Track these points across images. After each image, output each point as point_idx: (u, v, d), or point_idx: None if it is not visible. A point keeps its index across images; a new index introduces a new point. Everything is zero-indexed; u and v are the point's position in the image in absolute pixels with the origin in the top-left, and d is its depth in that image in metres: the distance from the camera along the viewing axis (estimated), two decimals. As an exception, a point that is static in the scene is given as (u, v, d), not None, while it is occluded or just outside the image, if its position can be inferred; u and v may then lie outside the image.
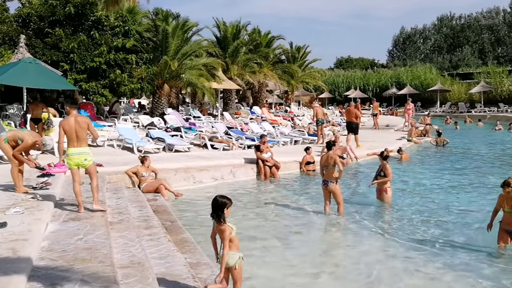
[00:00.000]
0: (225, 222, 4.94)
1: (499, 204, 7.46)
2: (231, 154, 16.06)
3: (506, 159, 17.96)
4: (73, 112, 7.72)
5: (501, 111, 43.83)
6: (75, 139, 7.42)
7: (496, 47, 79.24)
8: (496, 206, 7.53)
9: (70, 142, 7.43)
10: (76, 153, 7.40)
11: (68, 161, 7.46)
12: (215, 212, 4.98)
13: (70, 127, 7.43)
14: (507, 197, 7.25)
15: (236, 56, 31.42)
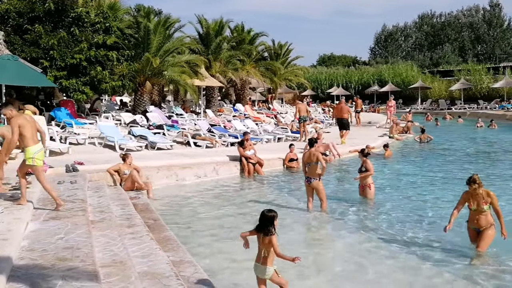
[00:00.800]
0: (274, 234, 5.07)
1: (462, 201, 7.27)
2: (214, 152, 16.01)
3: (489, 156, 18.24)
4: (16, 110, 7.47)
5: (481, 108, 44.52)
6: (34, 134, 7.21)
7: (476, 45, 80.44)
8: (458, 203, 7.33)
9: (31, 139, 7.09)
10: (40, 149, 7.22)
11: (37, 159, 7.18)
12: (264, 225, 5.09)
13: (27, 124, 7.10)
14: (473, 194, 7.08)
15: (219, 53, 31.32)
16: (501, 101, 44.01)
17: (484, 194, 7.03)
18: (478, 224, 7.11)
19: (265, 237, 5.08)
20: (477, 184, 7.01)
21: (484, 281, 6.23)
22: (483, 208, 7.01)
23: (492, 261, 6.90)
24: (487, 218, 7.05)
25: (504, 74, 48.63)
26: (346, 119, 20.47)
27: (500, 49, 78.16)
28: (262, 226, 5.12)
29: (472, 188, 7.05)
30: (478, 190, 7.02)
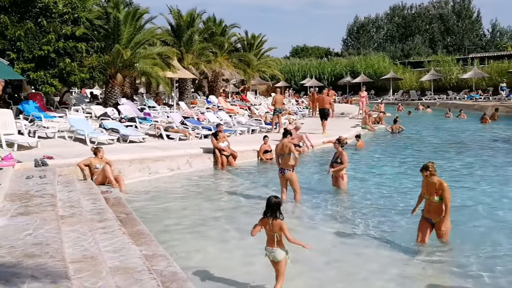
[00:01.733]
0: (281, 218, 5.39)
1: (422, 188, 7.17)
2: (187, 144, 15.89)
3: (458, 145, 18.60)
4: None
5: (450, 98, 45.39)
6: None
7: (445, 36, 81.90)
8: (421, 191, 7.24)
9: None
10: None
11: None
12: (272, 210, 5.38)
13: None
14: (426, 182, 6.98)
15: (191, 45, 31.03)
16: (470, 92, 44.96)
17: (438, 184, 6.86)
18: (430, 214, 6.97)
19: (274, 221, 5.37)
20: (429, 172, 6.87)
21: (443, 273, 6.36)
22: (434, 199, 6.87)
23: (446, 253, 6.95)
24: (437, 210, 6.87)
25: (472, 65, 49.63)
26: (327, 110, 20.89)
27: (468, 40, 79.80)
28: (270, 211, 5.39)
29: (423, 175, 6.95)
30: (430, 179, 6.88)
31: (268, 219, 5.42)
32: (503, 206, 9.33)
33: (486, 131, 22.90)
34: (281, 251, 5.39)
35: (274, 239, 5.39)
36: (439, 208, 6.83)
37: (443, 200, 6.81)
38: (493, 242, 7.29)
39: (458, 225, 8.01)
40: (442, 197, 6.80)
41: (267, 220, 5.43)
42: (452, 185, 11.18)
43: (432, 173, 6.86)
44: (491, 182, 11.45)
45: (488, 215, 8.78)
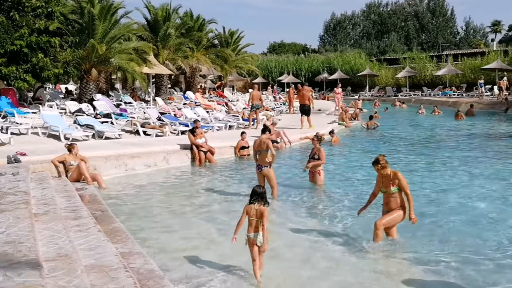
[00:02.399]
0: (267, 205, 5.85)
1: (377, 184, 7.10)
2: (164, 141, 15.77)
3: (431, 141, 18.90)
4: None
5: (425, 94, 46.14)
6: None
7: (420, 34, 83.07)
8: (375, 186, 7.17)
9: None
10: None
11: None
12: (261, 197, 5.81)
13: None
14: (380, 175, 6.94)
15: (168, 40, 30.80)
16: (444, 88, 45.73)
17: (392, 175, 6.83)
18: (388, 207, 6.94)
19: (260, 208, 5.77)
20: (380, 165, 6.85)
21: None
22: (391, 190, 6.81)
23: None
24: (396, 201, 6.83)
25: (446, 62, 50.46)
26: (308, 105, 21.00)
27: (443, 37, 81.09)
28: (260, 198, 5.81)
29: (376, 169, 6.92)
30: (382, 171, 6.86)
31: (253, 206, 5.79)
32: (471, 199, 9.49)
33: (460, 127, 23.33)
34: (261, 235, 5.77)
35: (257, 224, 5.77)
36: (398, 198, 6.82)
37: (402, 189, 6.78)
38: (460, 235, 7.41)
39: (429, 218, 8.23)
40: (400, 186, 6.77)
41: (252, 207, 5.80)
42: (424, 179, 11.44)
43: (383, 165, 6.85)
44: (461, 177, 11.66)
45: (457, 208, 8.92)
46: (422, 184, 11.03)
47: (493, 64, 40.56)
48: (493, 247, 6.85)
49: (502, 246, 6.87)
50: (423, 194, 10.05)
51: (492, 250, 6.75)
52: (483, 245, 6.97)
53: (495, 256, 6.52)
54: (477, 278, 5.83)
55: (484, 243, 7.05)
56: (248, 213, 5.85)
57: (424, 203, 9.23)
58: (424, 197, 9.79)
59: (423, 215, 8.34)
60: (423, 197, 9.78)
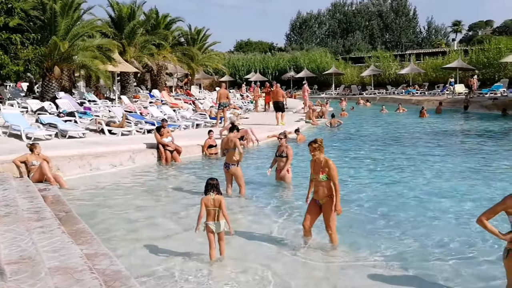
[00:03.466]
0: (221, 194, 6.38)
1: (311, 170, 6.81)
2: (130, 139, 15.54)
3: (395, 138, 19.27)
4: None
5: (389, 93, 47.03)
6: None
7: (384, 33, 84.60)
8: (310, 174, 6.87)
9: None
10: None
11: None
12: (215, 187, 6.31)
13: None
14: (313, 160, 6.69)
15: (133, 38, 30.35)
16: (407, 87, 46.71)
17: (324, 162, 6.60)
18: (317, 195, 6.72)
19: (216, 197, 6.24)
20: (316, 144, 6.61)
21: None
22: (319, 177, 6.57)
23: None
24: (324, 190, 6.61)
25: (409, 61, 51.54)
26: (281, 102, 22.08)
27: (406, 37, 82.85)
28: (214, 188, 6.29)
29: (310, 148, 6.65)
30: (316, 153, 6.62)
31: (210, 196, 6.25)
32: (430, 195, 9.73)
33: (424, 125, 23.87)
34: (223, 222, 6.25)
35: (215, 213, 6.23)
36: (326, 188, 6.59)
37: (331, 178, 6.53)
38: (420, 230, 7.60)
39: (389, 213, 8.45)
40: (329, 175, 6.53)
41: (209, 198, 6.26)
42: (385, 176, 11.67)
43: (318, 146, 6.63)
44: (423, 173, 11.93)
45: (416, 204, 9.14)
46: (384, 179, 11.25)
47: (454, 63, 41.66)
48: (451, 242, 7.05)
49: (458, 241, 7.07)
50: (385, 190, 10.26)
51: (449, 244, 6.95)
52: (441, 239, 7.16)
53: (454, 250, 6.72)
54: (437, 272, 6.00)
55: (445, 238, 7.24)
56: (206, 205, 6.25)
57: (382, 198, 9.44)
58: (385, 193, 10.00)
59: (384, 211, 8.55)
60: (384, 192, 9.98)
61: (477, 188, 10.26)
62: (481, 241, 6.85)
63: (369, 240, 7.16)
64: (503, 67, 40.20)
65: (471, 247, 6.78)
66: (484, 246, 6.70)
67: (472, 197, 9.55)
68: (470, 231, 7.28)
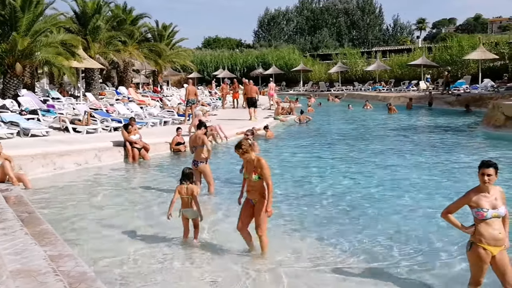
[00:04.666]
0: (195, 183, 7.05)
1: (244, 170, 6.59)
2: (95, 137, 15.23)
3: (362, 134, 19.53)
4: None
5: (356, 89, 47.67)
6: None
7: (351, 30, 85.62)
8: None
9: None
10: None
11: None
12: (188, 177, 6.93)
13: None
14: (245, 160, 6.44)
15: (98, 34, 29.76)
16: (374, 83, 47.45)
17: (256, 162, 6.30)
18: (250, 195, 6.46)
19: (189, 186, 6.82)
20: (241, 150, 6.31)
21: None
22: (252, 178, 6.30)
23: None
24: (256, 191, 6.33)
25: (375, 58, 52.36)
26: (255, 98, 23.23)
27: (372, 34, 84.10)
28: (187, 178, 6.91)
29: (237, 153, 6.36)
30: (245, 157, 6.35)
31: (183, 185, 6.83)
32: (394, 191, 9.87)
33: (392, 120, 24.23)
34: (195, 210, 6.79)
35: (188, 201, 6.79)
36: (258, 187, 6.30)
37: (264, 178, 6.21)
38: (383, 223, 7.72)
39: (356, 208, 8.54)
40: (261, 175, 6.22)
41: (182, 187, 6.84)
42: (353, 171, 11.81)
43: (244, 151, 6.31)
44: (389, 169, 12.13)
45: (382, 198, 9.27)
46: (351, 175, 11.38)
47: (418, 60, 42.51)
48: (416, 236, 7.18)
49: (423, 235, 7.21)
50: (351, 185, 10.38)
51: (414, 238, 7.08)
52: (407, 233, 7.29)
53: (419, 244, 6.84)
54: (403, 266, 6.09)
55: (407, 231, 7.38)
56: (180, 193, 6.83)
57: (348, 194, 9.56)
58: (350, 188, 10.12)
59: (350, 206, 8.66)
60: (350, 188, 10.10)
61: (441, 183, 10.49)
62: (445, 235, 6.99)
63: (334, 235, 7.21)
64: (466, 64, 41.28)
65: (436, 240, 6.91)
66: (448, 240, 6.84)
67: (436, 191, 9.74)
68: (435, 225, 7.42)
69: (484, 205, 4.87)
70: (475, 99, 29.06)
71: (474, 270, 5.06)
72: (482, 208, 4.87)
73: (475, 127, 19.89)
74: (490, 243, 4.88)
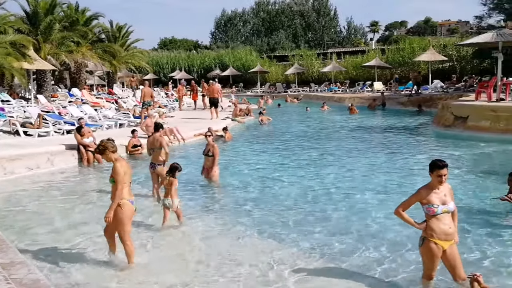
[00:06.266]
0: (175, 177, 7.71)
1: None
2: (48, 141, 14.79)
3: (319, 135, 19.83)
4: None
5: (312, 90, 48.29)
6: None
7: (307, 32, 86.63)
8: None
9: None
10: None
11: None
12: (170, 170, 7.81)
13: None
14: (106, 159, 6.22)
15: (50, 34, 28.84)
16: (330, 84, 48.20)
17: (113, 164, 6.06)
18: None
19: (169, 179, 7.70)
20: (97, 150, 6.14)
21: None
22: (110, 180, 6.15)
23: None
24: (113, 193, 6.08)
25: (331, 59, 53.18)
26: (216, 98, 24.06)
27: (327, 36, 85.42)
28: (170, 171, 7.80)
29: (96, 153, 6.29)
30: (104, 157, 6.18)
31: (167, 176, 7.76)
32: (349, 190, 10.12)
33: (352, 121, 24.62)
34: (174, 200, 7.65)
35: (168, 192, 7.66)
36: (114, 191, 6.06)
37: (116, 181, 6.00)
38: (339, 223, 7.89)
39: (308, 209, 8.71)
40: (114, 178, 6.01)
41: (167, 177, 7.76)
42: (310, 171, 11.98)
43: (101, 150, 6.08)
44: (345, 169, 12.38)
45: (338, 199, 9.46)
46: (310, 175, 11.54)
47: (372, 61, 43.51)
48: (371, 233, 7.37)
49: (378, 232, 7.40)
50: (309, 185, 10.53)
51: (370, 235, 7.26)
52: (362, 231, 7.47)
53: (374, 241, 7.02)
54: (359, 263, 6.24)
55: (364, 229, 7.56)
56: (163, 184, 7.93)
57: (306, 193, 9.70)
58: (310, 188, 10.26)
59: (306, 206, 8.80)
60: (309, 188, 10.25)
61: (396, 181, 10.78)
62: (399, 231, 7.19)
63: (292, 236, 7.30)
64: (417, 66, 42.59)
65: (390, 237, 7.11)
66: (402, 236, 7.04)
67: (391, 190, 10.03)
68: (390, 222, 7.62)
69: (435, 201, 5.06)
70: (426, 99, 30.04)
71: (426, 264, 5.25)
72: (432, 204, 5.06)
73: (426, 127, 20.55)
74: (441, 237, 5.07)
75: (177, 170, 7.76)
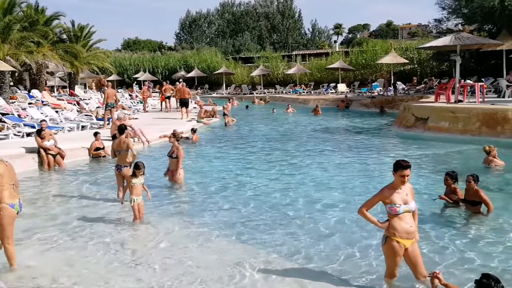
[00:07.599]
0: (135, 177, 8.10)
1: None
2: (6, 144, 14.34)
3: (286, 136, 19.94)
4: None
5: (278, 92, 48.58)
6: None
7: (272, 34, 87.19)
8: None
9: None
10: None
11: None
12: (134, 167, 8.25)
13: None
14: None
15: (8, 34, 28.02)
16: (295, 86, 48.60)
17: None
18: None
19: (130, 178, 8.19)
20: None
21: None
22: None
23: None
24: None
25: (296, 61, 53.63)
26: (187, 99, 24.93)
27: (292, 38, 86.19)
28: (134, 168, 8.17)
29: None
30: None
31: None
32: (315, 191, 10.25)
33: (318, 122, 24.82)
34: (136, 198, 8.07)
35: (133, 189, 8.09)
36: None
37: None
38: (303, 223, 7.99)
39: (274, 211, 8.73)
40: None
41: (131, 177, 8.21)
42: (276, 172, 12.06)
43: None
44: (310, 170, 12.52)
45: (303, 201, 9.54)
46: (276, 176, 11.61)
47: (336, 64, 44.11)
48: (336, 232, 7.48)
49: (342, 231, 7.53)
50: (275, 186, 10.60)
51: (335, 235, 7.37)
52: (326, 231, 7.57)
53: (338, 241, 7.12)
54: (324, 264, 6.32)
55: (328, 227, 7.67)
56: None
57: (272, 194, 9.75)
58: (275, 189, 10.33)
59: (273, 208, 8.85)
60: (274, 189, 10.31)
61: (359, 181, 10.97)
62: (363, 230, 7.33)
63: (257, 237, 7.33)
64: (379, 68, 43.44)
65: (354, 236, 7.23)
66: (365, 235, 7.18)
67: (355, 189, 10.20)
68: (354, 222, 7.76)
69: (397, 201, 5.18)
70: (388, 101, 30.69)
71: (389, 262, 5.37)
72: (395, 204, 5.18)
73: (388, 128, 20.99)
74: (402, 236, 5.20)
75: (138, 168, 8.10)
